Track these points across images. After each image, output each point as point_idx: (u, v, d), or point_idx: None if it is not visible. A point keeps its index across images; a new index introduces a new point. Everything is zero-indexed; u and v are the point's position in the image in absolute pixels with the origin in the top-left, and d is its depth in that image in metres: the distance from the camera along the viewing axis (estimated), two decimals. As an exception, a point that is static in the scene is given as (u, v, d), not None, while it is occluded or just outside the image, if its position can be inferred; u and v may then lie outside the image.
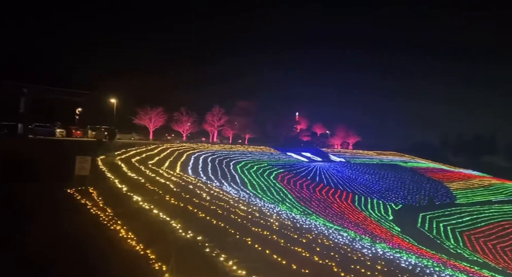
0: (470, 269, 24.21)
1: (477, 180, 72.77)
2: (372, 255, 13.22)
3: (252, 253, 7.86)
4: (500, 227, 46.38)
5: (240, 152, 57.85)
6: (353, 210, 42.31)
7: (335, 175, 60.38)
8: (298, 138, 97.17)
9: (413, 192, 57.66)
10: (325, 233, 16.69)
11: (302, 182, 48.74)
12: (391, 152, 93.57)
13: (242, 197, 22.63)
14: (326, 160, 73.16)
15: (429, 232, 40.42)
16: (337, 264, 8.75)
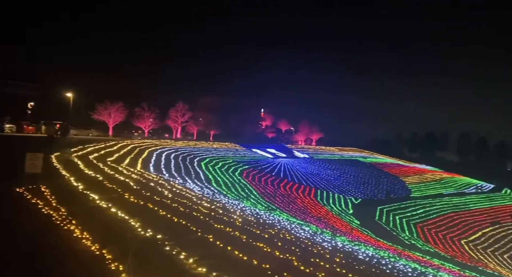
0: (423, 259, 25.73)
1: (430, 174, 77.30)
2: (331, 248, 13.65)
3: (214, 250, 7.83)
4: (450, 218, 49.70)
5: (205, 149, 57.28)
6: (316, 204, 43.41)
7: (299, 171, 61.57)
8: (263, 134, 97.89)
9: (372, 186, 60.18)
10: (287, 228, 16.98)
11: (266, 178, 49.21)
12: (352, 148, 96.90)
13: (206, 194, 22.45)
14: (291, 156, 74.38)
15: (386, 225, 42.40)
16: (297, 258, 8.94)
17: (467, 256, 36.98)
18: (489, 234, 46.51)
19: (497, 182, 72.79)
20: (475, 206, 57.34)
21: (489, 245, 43.23)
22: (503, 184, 71.55)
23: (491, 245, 43.48)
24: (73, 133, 44.58)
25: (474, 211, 54.20)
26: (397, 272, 12.47)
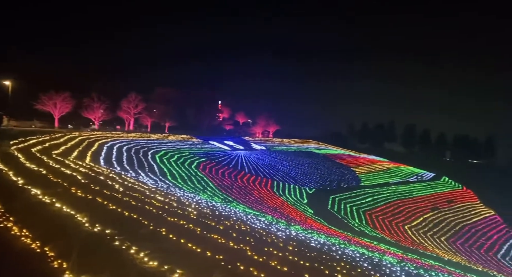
0: (370, 244, 27.32)
1: (378, 164, 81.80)
2: (285, 237, 14.02)
3: (166, 243, 7.69)
4: (395, 205, 53.09)
5: (160, 141, 55.77)
6: (272, 195, 44.22)
7: (256, 163, 62.20)
8: (221, 127, 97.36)
9: (325, 177, 62.48)
10: (243, 219, 17.15)
11: (224, 170, 49.14)
12: (307, 140, 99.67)
13: (160, 188, 21.93)
14: (248, 148, 74.82)
15: (337, 213, 44.35)
16: (251, 248, 9.07)
17: (409, 240, 39.85)
18: (429, 219, 50.40)
19: (437, 170, 78.81)
20: (418, 193, 61.72)
21: (429, 229, 46.93)
22: (443, 172, 77.63)
23: (431, 229, 47.23)
24: (13, 125, 41.20)
25: (416, 198, 58.33)
26: (346, 258, 13.13)
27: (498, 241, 46.94)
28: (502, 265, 39.18)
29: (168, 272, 5.96)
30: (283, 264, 8.18)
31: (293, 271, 7.82)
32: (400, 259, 22.19)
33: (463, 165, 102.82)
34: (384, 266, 14.49)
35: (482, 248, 44.18)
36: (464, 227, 49.82)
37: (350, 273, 9.75)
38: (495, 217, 56.16)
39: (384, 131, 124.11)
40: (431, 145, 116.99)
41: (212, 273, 6.24)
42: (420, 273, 16.38)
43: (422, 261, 24.29)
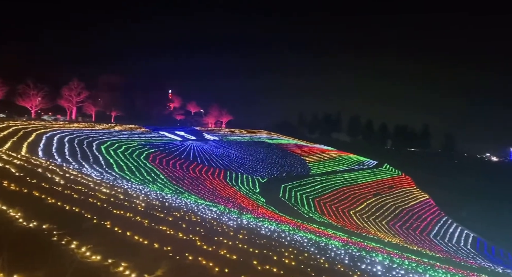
0: (318, 230, 28.61)
1: (327, 153, 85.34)
2: (236, 226, 14.17)
3: (110, 237, 7.40)
4: (342, 192, 55.95)
5: (106, 131, 53.01)
6: (225, 185, 44.32)
7: (209, 153, 61.76)
8: (171, 117, 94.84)
9: (277, 166, 63.89)
10: (194, 210, 17.01)
11: (175, 161, 48.15)
12: (260, 130, 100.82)
13: (106, 179, 20.94)
14: (200, 139, 73.93)
15: (288, 201, 45.72)
16: (201, 238, 9.04)
17: (354, 225, 42.34)
18: (372, 204, 53.88)
19: (379, 158, 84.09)
20: (362, 180, 65.55)
21: (372, 214, 50.21)
22: (384, 160, 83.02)
23: (373, 213, 50.56)
24: None
25: (361, 185, 61.94)
26: (294, 243, 13.62)
27: (431, 222, 51.58)
28: (434, 244, 43.21)
29: (112, 265, 5.75)
30: (233, 252, 8.27)
31: (242, 259, 7.94)
32: (345, 242, 23.53)
33: (402, 153, 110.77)
34: (330, 250, 15.27)
35: (417, 229, 48.27)
36: (403, 210, 53.97)
37: (297, 257, 10.13)
38: (429, 200, 61.47)
39: (332, 122, 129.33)
40: (374, 135, 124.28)
41: (159, 265, 6.13)
42: (362, 254, 17.50)
43: (365, 244, 25.98)
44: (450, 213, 55.35)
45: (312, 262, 10.20)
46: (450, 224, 52.00)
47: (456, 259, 34.13)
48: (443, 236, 47.42)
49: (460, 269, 23.36)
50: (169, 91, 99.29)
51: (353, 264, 12.47)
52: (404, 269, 15.43)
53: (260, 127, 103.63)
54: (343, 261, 12.46)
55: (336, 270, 10.06)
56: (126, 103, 74.16)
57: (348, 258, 13.76)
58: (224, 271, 6.69)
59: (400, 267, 15.92)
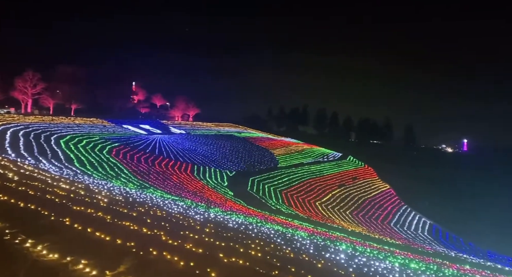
0: (285, 221, 29.14)
1: (294, 146, 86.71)
2: (203, 220, 14.10)
3: (69, 234, 7.10)
4: (308, 184, 57.19)
5: (65, 125, 50.52)
6: (192, 179, 43.85)
7: (176, 147, 60.70)
8: (135, 110, 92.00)
9: (246, 159, 64.07)
10: (160, 205, 16.70)
11: (140, 155, 46.89)
12: (228, 123, 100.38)
13: (66, 175, 20.02)
14: (166, 132, 72.45)
15: (256, 193, 46.08)
16: (166, 232, 8.91)
17: (320, 215, 43.52)
18: (336, 195, 55.57)
19: (344, 150, 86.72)
20: (328, 172, 67.32)
21: (336, 204, 51.82)
22: (348, 152, 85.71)
23: (338, 204, 52.21)
24: None
25: (326, 176, 63.63)
26: (261, 235, 13.77)
27: (392, 211, 54.12)
28: (395, 231, 45.43)
29: (70, 263, 5.54)
30: (199, 246, 8.23)
31: (208, 252, 7.92)
32: (311, 233, 24.16)
33: (365, 145, 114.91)
34: (296, 240, 15.61)
35: (379, 218, 50.48)
36: (365, 200, 56.15)
37: (264, 249, 10.26)
38: (390, 190, 64.38)
39: (299, 116, 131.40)
40: (339, 128, 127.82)
41: (122, 261, 5.98)
42: (327, 244, 18.05)
43: (330, 234, 26.81)
44: (409, 202, 58.32)
45: (278, 253, 10.38)
46: (409, 213, 54.83)
47: (414, 245, 36.11)
48: (403, 224, 49.96)
49: (418, 255, 24.73)
50: (133, 84, 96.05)
51: (318, 253, 12.84)
52: (366, 256, 16.10)
53: (228, 121, 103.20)
54: (308, 251, 12.78)
55: (301, 260, 10.31)
56: (87, 95, 70.89)
57: (313, 248, 14.15)
58: (189, 265, 6.64)
59: (362, 254, 16.60)
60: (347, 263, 12.04)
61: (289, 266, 8.47)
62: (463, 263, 24.97)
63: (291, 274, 7.58)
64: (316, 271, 9.09)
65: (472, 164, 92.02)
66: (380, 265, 13.89)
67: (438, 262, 22.49)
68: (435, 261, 22.36)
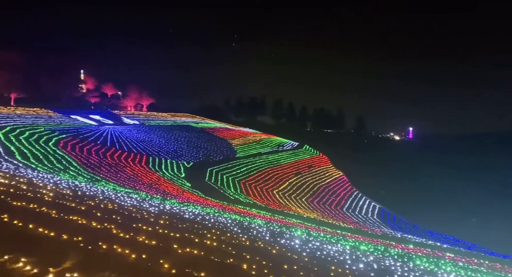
0: (243, 210, 29.45)
1: (252, 136, 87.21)
2: (158, 212, 13.81)
3: (8, 231, 6.62)
4: (266, 173, 58.01)
5: (4, 115, 46.57)
6: (147, 171, 42.64)
7: (129, 138, 58.48)
8: (84, 99, 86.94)
9: (203, 150, 63.39)
10: (112, 198, 16.07)
11: (90, 147, 44.61)
12: (184, 114, 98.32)
13: (5, 169, 18.54)
14: (119, 123, 69.45)
15: (214, 184, 45.93)
16: (117, 226, 8.62)
17: (277, 203, 44.50)
18: (293, 183, 57.01)
19: (300, 140, 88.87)
20: (285, 161, 68.71)
21: (293, 192, 53.23)
22: (305, 141, 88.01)
23: (294, 191, 53.64)
24: None
25: (284, 165, 64.94)
26: (218, 224, 13.81)
27: (344, 197, 56.73)
28: (347, 216, 47.76)
29: (8, 262, 5.18)
30: (152, 238, 8.07)
31: (161, 244, 7.80)
32: (268, 220, 24.67)
33: (320, 134, 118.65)
34: (253, 228, 15.85)
35: (332, 204, 52.70)
36: (320, 187, 58.23)
37: (220, 238, 10.31)
38: (343, 177, 67.31)
39: (256, 106, 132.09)
40: (296, 117, 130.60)
41: (67, 257, 5.70)
42: (283, 230, 18.54)
43: (286, 220, 27.57)
44: (360, 188, 61.44)
45: (234, 241, 10.48)
46: (360, 198, 57.81)
47: (365, 228, 38.28)
48: (354, 209, 52.63)
49: (367, 237, 26.26)
50: (81, 72, 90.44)
51: (273, 240, 13.15)
52: (320, 241, 16.80)
53: (184, 111, 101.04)
54: (264, 238, 13.05)
55: (257, 247, 10.51)
56: (29, 84, 65.63)
57: (269, 235, 14.46)
58: (141, 257, 6.50)
59: (316, 239, 17.29)
60: (301, 248, 12.47)
61: (244, 254, 8.59)
62: (407, 243, 26.96)
63: (246, 261, 7.70)
64: (271, 257, 9.31)
65: (415, 149, 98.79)
66: (332, 249, 14.57)
67: (385, 243, 24.07)
68: (383, 242, 23.91)
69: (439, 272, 13.73)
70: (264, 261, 8.24)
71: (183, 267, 6.32)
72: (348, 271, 9.71)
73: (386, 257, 15.41)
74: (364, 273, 9.93)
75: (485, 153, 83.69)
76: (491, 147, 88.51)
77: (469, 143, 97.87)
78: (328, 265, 10.07)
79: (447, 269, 15.27)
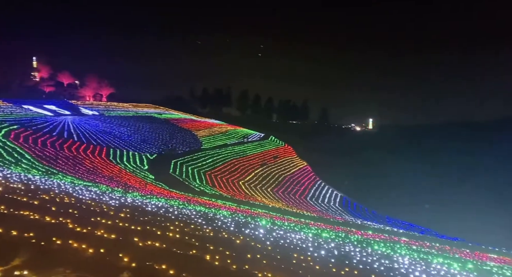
0: (208, 202, 29.34)
1: (218, 127, 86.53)
2: (119, 205, 13.39)
3: None
4: (232, 164, 57.99)
5: None
6: (108, 164, 41.15)
7: (88, 130, 55.96)
8: (38, 88, 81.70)
9: (167, 142, 62.06)
10: (69, 191, 15.35)
11: (45, 139, 42.21)
12: (147, 105, 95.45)
13: None
14: (76, 113, 66.22)
15: (179, 176, 45.25)
16: (74, 220, 8.25)
17: (243, 194, 44.77)
18: (259, 173, 57.51)
19: (266, 131, 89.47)
20: (251, 152, 68.96)
21: (259, 182, 53.76)
22: (270, 132, 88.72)
23: (260, 182, 54.19)
24: None
25: (249, 156, 65.21)
26: (182, 217, 13.64)
27: (308, 186, 58.17)
28: (310, 205, 49.10)
29: None
30: (111, 231, 7.81)
31: (121, 237, 7.57)
32: (233, 211, 24.77)
33: (286, 125, 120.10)
34: (217, 219, 15.84)
35: (297, 193, 53.89)
36: (285, 177, 59.24)
37: (183, 230, 10.20)
38: (307, 167, 68.86)
39: (222, 97, 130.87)
40: (261, 109, 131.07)
41: (16, 254, 5.37)
42: (248, 220, 18.70)
43: (252, 211, 27.83)
44: (323, 177, 63.24)
45: (197, 233, 10.41)
46: (323, 187, 59.56)
47: (327, 216, 39.58)
48: (317, 198, 54.19)
49: (329, 225, 27.19)
50: (34, 59, 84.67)
51: (238, 230, 13.23)
52: (283, 229, 17.14)
53: (147, 101, 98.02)
54: (228, 229, 13.08)
55: (220, 237, 10.51)
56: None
57: (234, 225, 14.53)
58: (99, 251, 6.28)
59: (280, 228, 17.63)
60: (265, 237, 12.65)
61: (208, 245, 8.56)
62: (366, 229, 28.23)
63: (209, 252, 7.67)
64: (235, 247, 9.36)
65: (375, 140, 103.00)
66: (296, 237, 14.93)
67: (346, 230, 25.06)
68: (344, 229, 24.87)
69: (395, 255, 14.53)
70: (228, 251, 8.27)
71: (143, 260, 6.18)
72: (310, 258, 10.00)
73: (346, 243, 16.05)
74: (325, 259, 10.27)
75: (442, 142, 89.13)
76: (447, 136, 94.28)
77: (427, 133, 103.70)
78: (290, 252, 10.30)
79: (402, 252, 16.19)
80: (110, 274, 5.47)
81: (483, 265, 16.37)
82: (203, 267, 6.36)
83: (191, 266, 6.28)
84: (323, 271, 8.72)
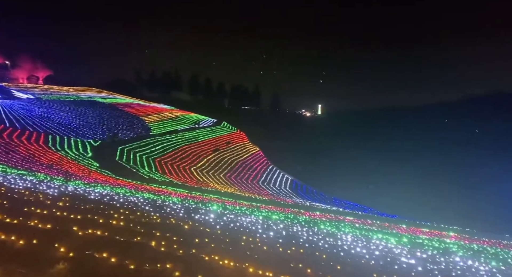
0: (158, 189, 28.60)
1: (167, 112, 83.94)
2: (58, 194, 12.55)
3: None
4: (183, 150, 56.89)
5: None
6: (47, 151, 38.33)
7: (22, 114, 51.47)
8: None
9: (113, 128, 59.03)
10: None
11: (-30, 125, 38.09)
12: (90, 88, 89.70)
13: None
14: (8, 97, 60.45)
15: (126, 163, 43.50)
16: (3, 211, 7.57)
17: (195, 180, 44.31)
18: (211, 159, 57.15)
19: (218, 116, 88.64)
20: (203, 138, 68.11)
21: (211, 168, 53.49)
22: (222, 118, 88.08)
23: (212, 168, 53.95)
24: None
25: (201, 142, 64.39)
26: (128, 204, 13.15)
27: (260, 171, 59.11)
28: (262, 189, 50.03)
29: None
30: (47, 221, 7.29)
31: (58, 227, 7.10)
32: (184, 197, 24.44)
33: (238, 111, 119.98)
34: (166, 206, 15.52)
35: (249, 178, 54.55)
36: (237, 163, 59.54)
37: (128, 217, 9.84)
38: (259, 152, 69.75)
39: (171, 81, 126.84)
40: (213, 94, 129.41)
41: None
42: (198, 206, 18.58)
43: (203, 196, 27.67)
44: (275, 162, 64.57)
45: (143, 220, 10.11)
46: (274, 171, 60.89)
47: (278, 199, 40.69)
48: (269, 182, 55.37)
49: (280, 207, 27.98)
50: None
51: (187, 216, 13.08)
52: (234, 213, 17.30)
53: (89, 85, 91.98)
54: (177, 215, 12.88)
55: (168, 224, 10.32)
56: None
57: (183, 211, 14.34)
58: (31, 243, 5.83)
59: (231, 212, 17.76)
60: (215, 222, 12.66)
61: (154, 231, 8.36)
62: (314, 210, 29.52)
63: (154, 239, 7.49)
64: (182, 233, 9.24)
65: (324, 125, 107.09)
66: (246, 220, 15.14)
67: (295, 211, 25.97)
68: (293, 211, 25.76)
69: (339, 233, 15.37)
70: (175, 237, 8.14)
71: (82, 250, 5.86)
72: (258, 239, 10.20)
73: (294, 224, 16.64)
74: (273, 240, 10.55)
75: (386, 127, 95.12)
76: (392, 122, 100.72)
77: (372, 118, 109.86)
78: (240, 235, 10.42)
79: (345, 230, 17.18)
80: (44, 266, 5.11)
81: (416, 239, 17.95)
82: (147, 254, 6.19)
83: (134, 252, 6.08)
84: (270, 251, 8.95)
